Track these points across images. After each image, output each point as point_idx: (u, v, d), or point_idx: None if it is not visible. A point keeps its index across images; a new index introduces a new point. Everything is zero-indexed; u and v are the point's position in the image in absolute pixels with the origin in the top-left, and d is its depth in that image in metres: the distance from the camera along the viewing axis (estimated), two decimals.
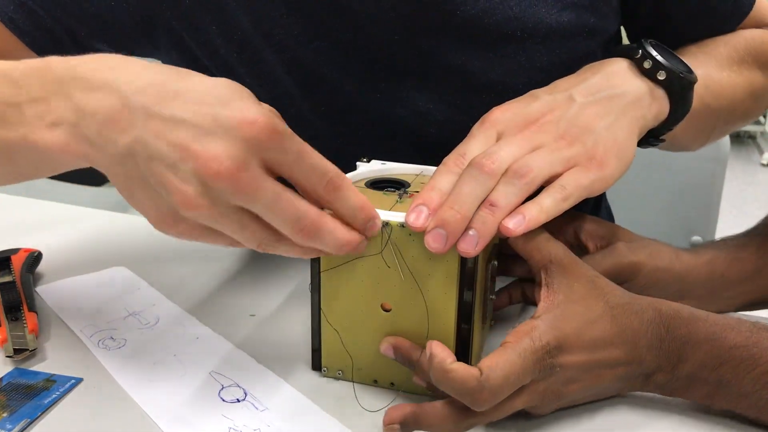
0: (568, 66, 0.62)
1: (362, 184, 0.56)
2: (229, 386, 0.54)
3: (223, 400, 0.52)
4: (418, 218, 0.48)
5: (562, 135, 0.52)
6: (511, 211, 0.48)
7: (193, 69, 0.65)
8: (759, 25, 0.71)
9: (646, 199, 1.19)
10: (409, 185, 0.55)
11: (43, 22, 0.64)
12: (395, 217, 0.49)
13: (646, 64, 0.56)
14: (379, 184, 0.56)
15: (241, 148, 0.41)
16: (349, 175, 0.57)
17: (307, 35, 0.63)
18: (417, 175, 0.58)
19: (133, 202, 0.45)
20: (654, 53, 0.56)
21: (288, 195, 0.43)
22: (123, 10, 0.65)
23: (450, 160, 0.52)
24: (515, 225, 0.48)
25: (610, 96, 0.54)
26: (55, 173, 0.55)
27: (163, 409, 0.51)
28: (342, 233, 0.46)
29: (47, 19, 0.64)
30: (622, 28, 0.71)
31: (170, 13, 0.64)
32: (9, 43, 0.65)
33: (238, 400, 0.52)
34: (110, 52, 0.67)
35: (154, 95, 0.43)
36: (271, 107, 0.48)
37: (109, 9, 0.65)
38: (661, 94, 0.57)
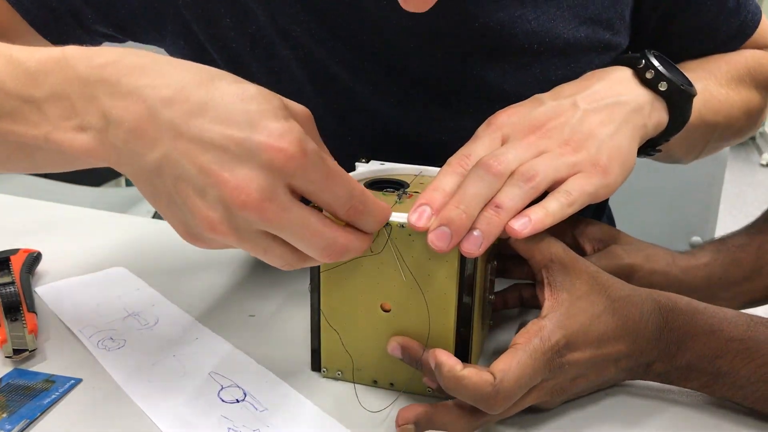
0: None
1: (361, 184, 0.56)
2: (229, 387, 0.54)
3: (223, 401, 0.52)
4: (420, 218, 0.48)
5: (566, 141, 0.52)
6: (516, 214, 0.48)
7: (199, 61, 0.65)
8: (760, 47, 0.72)
9: (646, 200, 1.20)
10: (408, 185, 0.55)
11: (47, 1, 0.63)
12: (395, 217, 0.49)
13: (648, 74, 0.57)
14: (378, 184, 0.56)
15: (268, 176, 0.40)
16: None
17: (323, 34, 0.62)
18: (416, 175, 0.58)
19: (161, 212, 0.45)
20: (656, 64, 0.57)
21: (315, 222, 0.42)
22: None
23: (454, 160, 0.52)
24: (521, 227, 0.48)
25: (613, 104, 0.55)
26: (75, 169, 0.55)
27: (163, 410, 0.51)
28: (364, 243, 0.46)
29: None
30: None
31: (181, 0, 0.64)
32: (10, 20, 0.64)
33: (238, 401, 0.52)
34: (115, 37, 0.67)
35: (182, 108, 0.41)
36: (304, 112, 0.47)
37: None
38: (661, 104, 0.57)
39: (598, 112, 0.54)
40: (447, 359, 0.46)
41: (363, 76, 0.63)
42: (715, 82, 0.66)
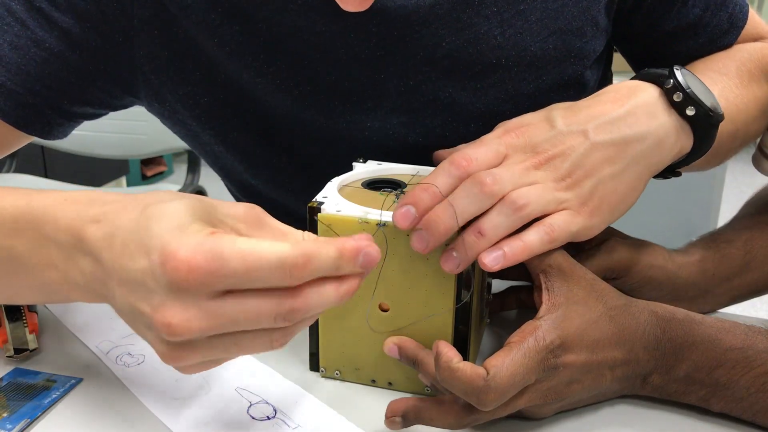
0: (556, 91, 0.61)
1: (359, 184, 0.56)
2: (257, 403, 0.52)
3: (253, 418, 0.51)
4: (403, 219, 0.48)
5: (563, 176, 0.51)
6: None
7: (174, 121, 0.66)
8: (755, 39, 0.70)
9: (646, 200, 1.18)
10: (405, 185, 0.56)
11: (23, 100, 0.61)
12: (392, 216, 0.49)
13: (676, 97, 0.53)
14: (375, 184, 0.56)
15: (178, 297, 0.39)
16: (346, 175, 0.57)
17: (290, 81, 0.62)
18: (413, 175, 0.58)
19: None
20: (685, 85, 0.53)
21: (248, 305, 0.40)
22: (100, 76, 0.63)
23: (456, 159, 0.51)
24: (492, 262, 0.48)
25: (627, 139, 0.52)
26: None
27: (192, 429, 0.50)
28: (333, 291, 0.41)
29: (28, 97, 0.61)
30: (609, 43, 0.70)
31: (147, 67, 0.63)
32: None
33: (269, 418, 0.51)
34: (93, 111, 0.67)
35: (116, 252, 0.42)
36: (244, 212, 0.44)
37: (89, 78, 0.63)
38: (686, 129, 0.54)
39: (607, 148, 0.51)
40: (447, 351, 0.46)
41: (335, 114, 0.62)
42: (729, 84, 0.63)
